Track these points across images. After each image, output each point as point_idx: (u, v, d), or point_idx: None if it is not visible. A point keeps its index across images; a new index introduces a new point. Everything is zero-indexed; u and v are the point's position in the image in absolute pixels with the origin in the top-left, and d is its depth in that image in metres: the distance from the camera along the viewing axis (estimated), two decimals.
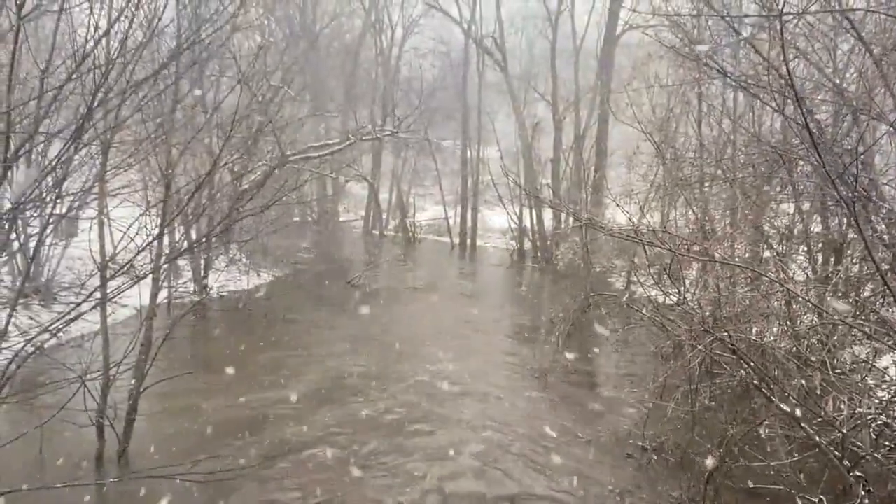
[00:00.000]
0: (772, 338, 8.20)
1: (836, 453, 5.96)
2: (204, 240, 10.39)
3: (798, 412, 5.86)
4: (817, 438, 5.90)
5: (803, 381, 6.68)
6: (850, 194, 5.96)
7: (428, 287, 22.03)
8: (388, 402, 9.97)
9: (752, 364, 6.28)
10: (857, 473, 6.20)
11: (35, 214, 5.45)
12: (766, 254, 10.52)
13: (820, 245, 11.06)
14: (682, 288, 10.39)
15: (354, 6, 37.62)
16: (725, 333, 6.49)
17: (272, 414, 9.20)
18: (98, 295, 5.61)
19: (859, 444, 6.34)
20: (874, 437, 6.83)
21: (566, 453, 8.28)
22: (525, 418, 9.50)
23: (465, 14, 34.67)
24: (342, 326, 15.14)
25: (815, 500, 6.23)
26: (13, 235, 5.10)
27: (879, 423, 6.78)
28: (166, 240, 11.46)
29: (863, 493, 5.64)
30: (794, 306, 8.37)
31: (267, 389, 10.21)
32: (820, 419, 5.89)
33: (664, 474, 7.72)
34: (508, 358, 13.14)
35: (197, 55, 12.08)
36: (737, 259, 9.36)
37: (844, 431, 5.79)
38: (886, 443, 6.93)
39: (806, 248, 10.82)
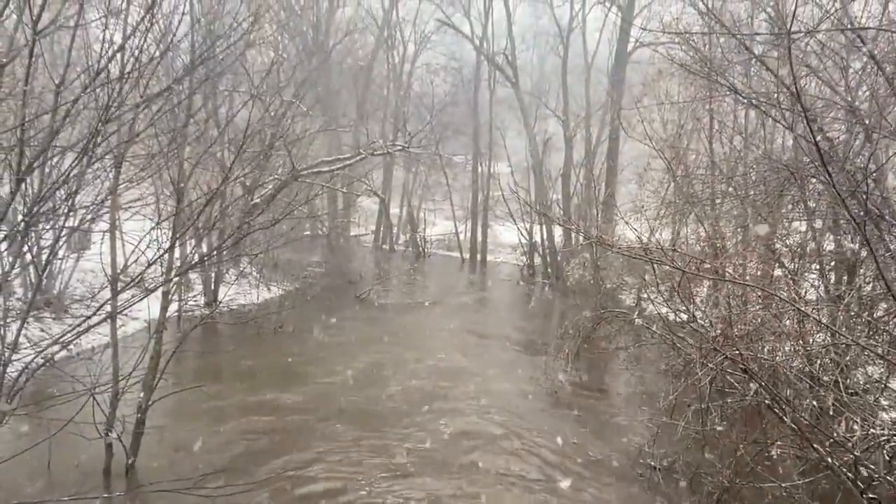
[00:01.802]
0: (783, 357, 8.11)
1: (849, 475, 5.88)
2: (214, 253, 10.43)
3: (810, 433, 5.79)
4: (830, 460, 5.83)
5: (815, 402, 6.61)
6: (862, 213, 5.93)
7: (437, 302, 22.00)
8: (394, 416, 9.94)
9: (763, 383, 6.22)
10: (871, 496, 6.11)
11: (48, 227, 5.48)
12: (778, 272, 10.44)
13: (832, 264, 10.97)
14: (693, 306, 10.31)
15: (367, 22, 37.95)
16: (736, 352, 6.43)
17: (281, 427, 9.19)
18: (109, 307, 5.64)
19: (872, 465, 6.24)
20: (888, 458, 6.73)
21: (576, 471, 8.21)
22: (535, 434, 9.43)
23: (477, 31, 35.00)
24: (351, 341, 15.12)
25: None
26: (26, 247, 5.13)
27: (893, 444, 6.68)
28: (177, 253, 11.51)
29: None
30: (806, 325, 8.29)
31: (275, 403, 10.20)
32: (832, 440, 5.82)
33: (674, 494, 7.64)
34: (518, 374, 13.07)
35: (210, 70, 12.21)
36: (748, 277, 9.29)
37: (857, 453, 5.72)
38: None
39: (818, 267, 10.72)
